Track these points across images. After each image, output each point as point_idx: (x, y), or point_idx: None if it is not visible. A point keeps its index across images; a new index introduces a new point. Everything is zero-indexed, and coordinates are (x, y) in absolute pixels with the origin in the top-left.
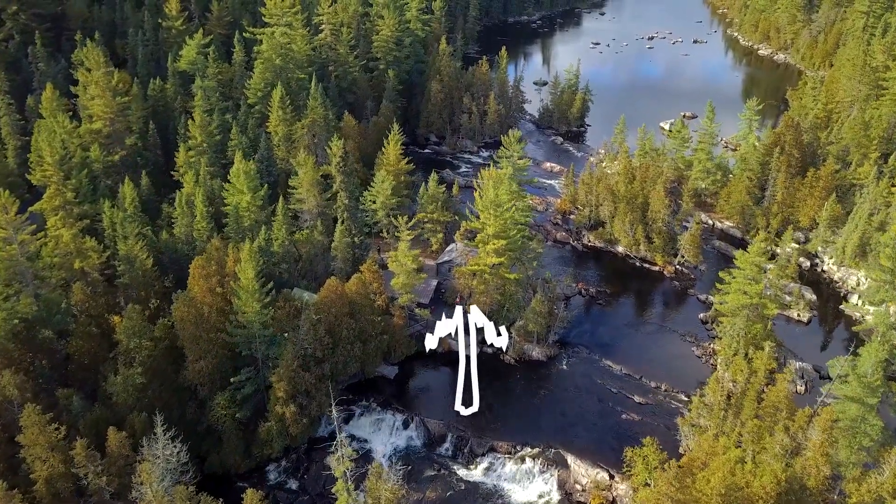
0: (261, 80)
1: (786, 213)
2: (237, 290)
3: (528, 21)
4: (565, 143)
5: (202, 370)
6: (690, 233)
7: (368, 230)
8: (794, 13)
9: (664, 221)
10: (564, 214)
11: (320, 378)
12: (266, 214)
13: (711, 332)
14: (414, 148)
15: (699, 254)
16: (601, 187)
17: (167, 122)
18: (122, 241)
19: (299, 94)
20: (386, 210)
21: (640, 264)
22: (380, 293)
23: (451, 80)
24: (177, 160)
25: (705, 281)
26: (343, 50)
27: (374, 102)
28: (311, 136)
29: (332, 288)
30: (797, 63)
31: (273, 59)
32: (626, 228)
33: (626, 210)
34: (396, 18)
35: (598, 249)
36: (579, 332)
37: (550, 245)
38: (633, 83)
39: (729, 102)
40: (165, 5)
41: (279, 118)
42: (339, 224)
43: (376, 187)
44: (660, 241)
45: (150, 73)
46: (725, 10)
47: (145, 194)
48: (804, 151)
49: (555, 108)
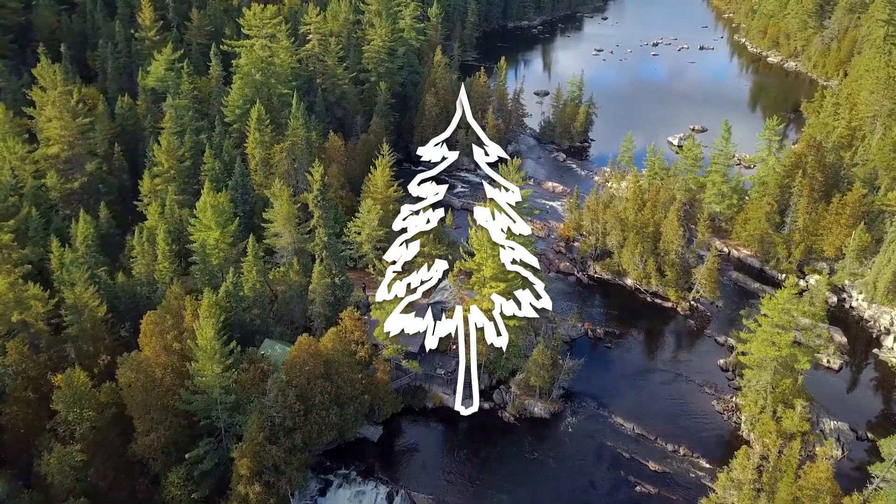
0: (239, 96)
1: (809, 242)
2: (194, 350)
3: (528, 26)
4: (568, 159)
5: (153, 444)
6: (707, 266)
7: (353, 264)
8: (805, 19)
9: (678, 253)
10: (568, 241)
11: (290, 450)
12: (237, 252)
13: (733, 382)
14: (407, 165)
15: (716, 289)
16: (608, 215)
17: (137, 142)
18: (68, 289)
19: (282, 111)
20: (373, 243)
21: (651, 299)
22: (362, 343)
23: (447, 92)
24: (141, 189)
25: (723, 319)
26: (331, 61)
27: (364, 118)
28: (290, 160)
29: (305, 346)
30: (809, 71)
31: (252, 73)
32: (635, 260)
33: (635, 240)
34: (389, 27)
35: (604, 282)
36: (586, 381)
37: (553, 276)
38: (639, 93)
39: (740, 113)
40: (139, 14)
41: (256, 140)
42: (318, 264)
43: (362, 217)
44: (673, 274)
45: (122, 89)
46: (731, 15)
47: (104, 228)
48: (827, 174)
49: (557, 121)
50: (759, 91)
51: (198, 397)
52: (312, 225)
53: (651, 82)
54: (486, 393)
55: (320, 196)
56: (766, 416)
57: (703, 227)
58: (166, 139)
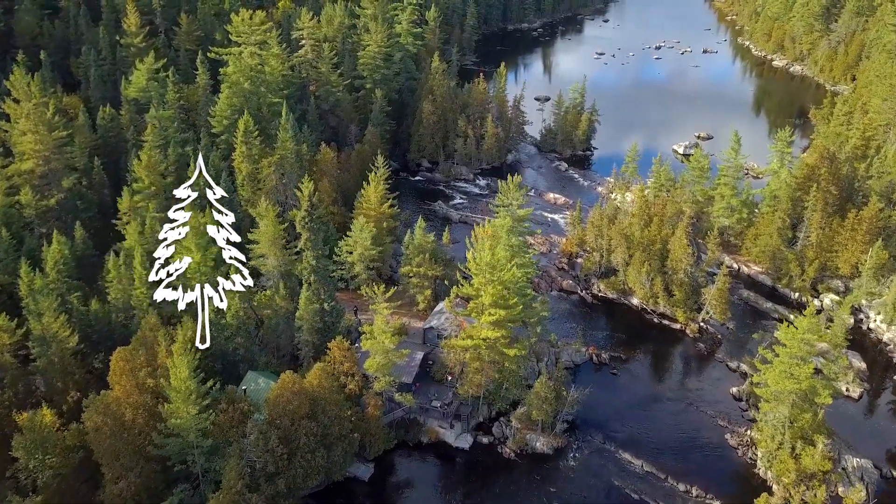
0: (226, 106)
1: (823, 259)
2: (168, 391)
3: (528, 29)
4: (570, 169)
5: (123, 493)
6: (718, 287)
7: (345, 285)
8: (811, 22)
9: (686, 272)
10: (571, 257)
11: (273, 498)
12: (220, 275)
13: (747, 413)
14: (404, 175)
15: (727, 310)
16: (614, 232)
17: (119, 155)
18: (34, 319)
19: (272, 121)
20: (365, 262)
21: (658, 320)
22: (352, 375)
23: (445, 100)
24: (119, 206)
25: (734, 342)
26: (325, 68)
27: (359, 126)
28: (278, 174)
29: (288, 384)
30: (815, 75)
31: (241, 82)
32: (641, 279)
33: (642, 258)
34: (385, 32)
35: (609, 301)
36: (591, 411)
37: (556, 295)
38: (642, 99)
39: (746, 119)
40: (124, 20)
41: (243, 154)
42: (305, 289)
43: (354, 236)
44: (681, 294)
45: (105, 98)
46: (734, 17)
47: (80, 249)
48: (842, 187)
49: (558, 129)
50: (765, 96)
51: (172, 441)
52: (299, 247)
53: (654, 87)
54: (484, 426)
55: (308, 217)
56: (783, 453)
57: (714, 244)
58: (147, 153)
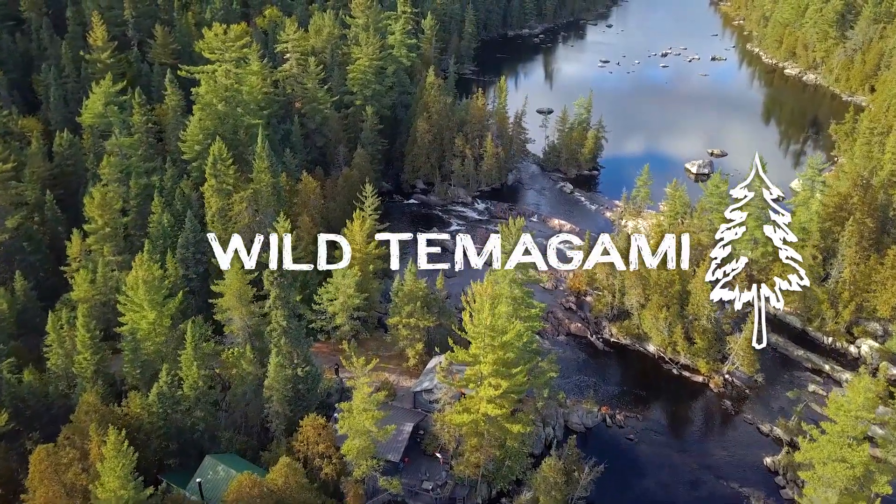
0: (198, 130)
1: (859, 300)
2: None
3: (529, 34)
4: (576, 191)
5: None
6: (746, 336)
7: (327, 336)
8: (825, 29)
9: (709, 318)
10: (579, 295)
11: None
12: (179, 336)
13: (784, 489)
14: (398, 198)
15: (756, 362)
16: (628, 272)
17: (78, 186)
18: None
19: (250, 145)
20: (349, 312)
21: (678, 371)
22: (328, 457)
23: (441, 117)
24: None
25: (765, 399)
26: (311, 83)
27: (347, 147)
28: (252, 210)
29: (247, 487)
30: (830, 85)
31: (214, 103)
32: (659, 325)
33: (659, 302)
34: (377, 43)
35: (623, 347)
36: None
37: (563, 340)
38: (649, 110)
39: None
40: (89, 33)
41: (213, 187)
42: (275, 354)
43: (335, 282)
44: (703, 342)
45: (66, 120)
46: (741, 22)
47: (22, 302)
48: (878, 218)
49: (563, 146)
50: (778, 106)
51: None
52: (268, 306)
53: (662, 98)
54: None
55: (277, 272)
56: None
57: (741, 286)
58: (99, 190)
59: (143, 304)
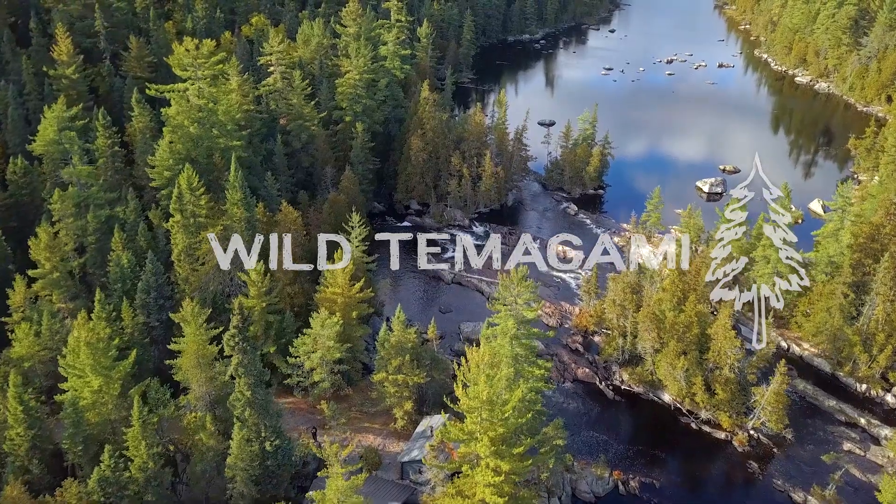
0: (169, 154)
1: (895, 342)
2: None
3: (530, 40)
4: (580, 212)
5: None
6: (774, 391)
7: (304, 392)
8: (839, 35)
9: (732, 367)
10: (586, 334)
11: None
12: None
13: None
14: (390, 220)
15: (784, 416)
16: (642, 315)
17: (33, 220)
18: None
19: (227, 170)
20: (328, 367)
21: (697, 426)
22: None
23: (437, 134)
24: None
25: (794, 458)
26: (297, 99)
27: (336, 168)
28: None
29: None
30: (844, 94)
31: (186, 126)
32: (676, 374)
33: (677, 349)
34: (368, 54)
35: (635, 396)
36: None
37: (569, 388)
38: (656, 121)
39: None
40: (54, 47)
41: (178, 224)
42: (238, 428)
43: (313, 332)
44: (725, 394)
45: (26, 143)
46: (747, 26)
47: None
48: None
49: (566, 164)
50: (789, 116)
51: None
52: (229, 374)
53: (669, 108)
54: None
55: (239, 335)
56: None
57: (767, 331)
58: (45, 230)
59: (86, 369)
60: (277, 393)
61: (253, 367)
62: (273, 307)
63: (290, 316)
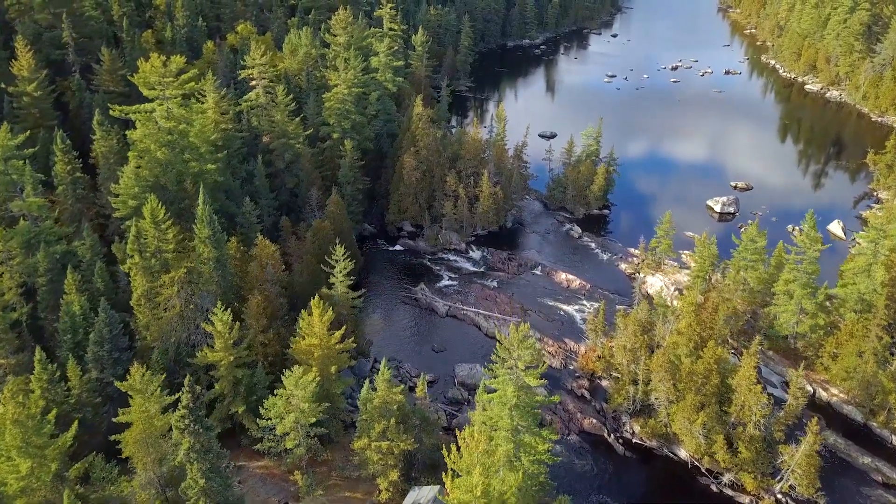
0: (134, 182)
1: None
2: None
3: (530, 45)
4: (584, 235)
5: None
6: (805, 452)
7: (276, 454)
8: (851, 42)
9: (757, 424)
10: (592, 378)
11: None
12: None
13: None
14: (382, 243)
15: (816, 479)
16: (654, 363)
17: None
18: None
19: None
20: (303, 431)
21: (717, 487)
22: None
23: (431, 153)
24: None
25: None
26: (280, 115)
27: (322, 190)
28: (185, 296)
29: None
30: (857, 103)
31: (153, 150)
32: (693, 429)
33: (695, 403)
34: (358, 66)
35: (648, 451)
36: None
37: (575, 441)
38: (662, 132)
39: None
40: (13, 63)
41: (137, 266)
42: None
43: (287, 392)
44: (749, 453)
45: None
46: (753, 31)
47: None
48: None
49: (569, 182)
50: (800, 127)
51: None
52: (178, 460)
53: (675, 118)
54: None
55: (189, 416)
56: None
57: (796, 384)
58: None
59: (12, 451)
60: (248, 456)
61: (208, 452)
62: (242, 360)
63: (261, 370)
